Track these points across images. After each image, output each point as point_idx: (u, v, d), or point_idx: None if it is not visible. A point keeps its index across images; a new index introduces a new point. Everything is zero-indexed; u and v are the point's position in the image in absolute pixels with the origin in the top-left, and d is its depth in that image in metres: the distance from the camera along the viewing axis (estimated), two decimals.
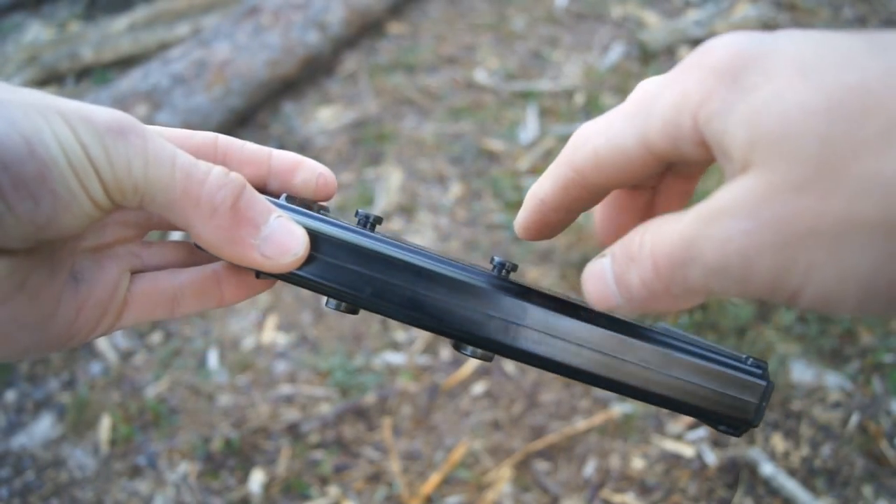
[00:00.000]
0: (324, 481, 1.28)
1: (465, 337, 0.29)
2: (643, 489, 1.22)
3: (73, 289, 0.30)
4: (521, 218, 0.31)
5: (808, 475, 1.21)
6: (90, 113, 0.25)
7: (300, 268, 0.29)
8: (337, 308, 0.30)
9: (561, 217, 0.30)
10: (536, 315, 0.29)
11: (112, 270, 0.32)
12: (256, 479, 1.28)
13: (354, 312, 0.31)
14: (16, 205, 0.24)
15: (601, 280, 0.25)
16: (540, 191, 0.29)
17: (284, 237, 0.28)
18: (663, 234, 0.22)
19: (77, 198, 0.25)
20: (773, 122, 0.19)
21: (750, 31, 0.21)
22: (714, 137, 0.21)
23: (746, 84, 0.20)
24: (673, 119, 0.22)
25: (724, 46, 0.21)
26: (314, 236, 0.29)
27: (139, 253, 0.34)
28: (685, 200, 0.30)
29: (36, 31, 2.85)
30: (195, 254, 0.35)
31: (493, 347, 0.29)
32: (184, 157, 0.27)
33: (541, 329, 0.29)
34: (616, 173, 0.25)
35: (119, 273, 0.32)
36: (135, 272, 0.33)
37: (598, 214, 0.32)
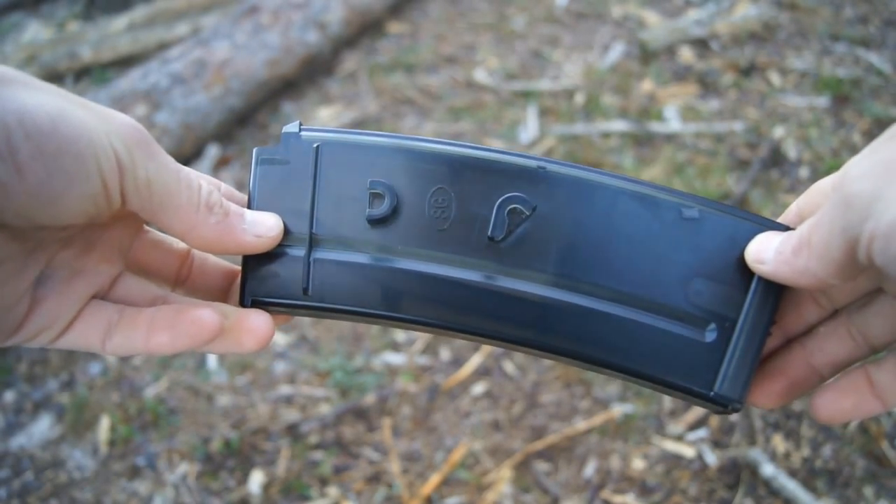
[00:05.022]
0: (323, 482, 1.27)
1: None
2: (643, 490, 1.22)
3: (33, 289, 0.31)
4: None
5: (808, 476, 1.21)
6: (116, 115, 0.29)
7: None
8: None
9: None
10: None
11: (78, 291, 0.33)
12: (256, 479, 1.28)
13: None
14: (29, 175, 0.25)
15: (768, 241, 0.35)
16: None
17: (265, 218, 0.36)
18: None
19: (90, 178, 0.27)
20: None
21: None
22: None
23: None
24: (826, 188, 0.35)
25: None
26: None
27: (110, 283, 0.35)
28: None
29: (35, 31, 2.84)
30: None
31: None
32: (185, 170, 0.32)
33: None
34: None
35: (82, 297, 0.33)
36: (96, 297, 0.34)
37: None
